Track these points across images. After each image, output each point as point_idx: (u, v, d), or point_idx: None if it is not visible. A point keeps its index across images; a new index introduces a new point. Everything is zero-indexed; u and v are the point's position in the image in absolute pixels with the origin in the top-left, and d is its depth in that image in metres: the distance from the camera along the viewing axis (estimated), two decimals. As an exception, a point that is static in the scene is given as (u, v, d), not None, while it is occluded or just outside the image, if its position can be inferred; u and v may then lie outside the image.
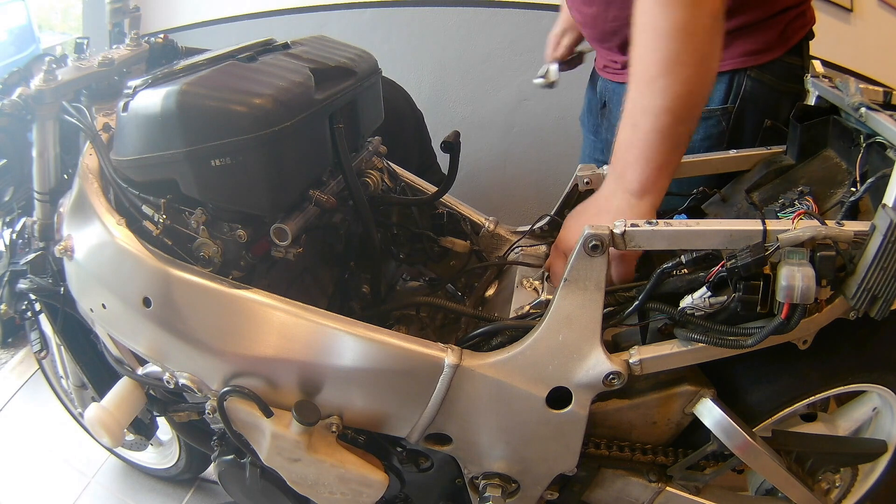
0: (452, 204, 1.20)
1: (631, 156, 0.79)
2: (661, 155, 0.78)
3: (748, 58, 1.03)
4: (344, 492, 0.89)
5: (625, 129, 0.80)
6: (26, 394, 1.85)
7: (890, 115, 0.84)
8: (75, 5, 3.38)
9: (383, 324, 1.03)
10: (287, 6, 2.28)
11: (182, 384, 0.85)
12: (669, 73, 0.74)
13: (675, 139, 0.78)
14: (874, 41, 1.90)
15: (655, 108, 0.75)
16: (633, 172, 0.80)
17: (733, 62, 1.03)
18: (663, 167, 0.79)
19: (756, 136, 1.08)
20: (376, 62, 1.11)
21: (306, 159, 0.88)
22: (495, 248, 1.18)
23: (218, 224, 0.86)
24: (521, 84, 2.17)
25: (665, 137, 0.77)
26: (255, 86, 0.80)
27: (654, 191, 0.80)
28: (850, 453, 1.04)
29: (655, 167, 0.79)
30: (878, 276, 0.72)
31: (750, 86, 1.04)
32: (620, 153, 0.81)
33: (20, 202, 1.06)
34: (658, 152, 0.78)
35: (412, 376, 0.81)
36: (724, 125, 1.07)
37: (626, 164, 0.80)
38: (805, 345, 0.82)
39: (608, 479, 0.94)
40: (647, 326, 0.82)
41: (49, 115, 0.92)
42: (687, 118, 0.78)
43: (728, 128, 1.07)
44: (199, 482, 1.56)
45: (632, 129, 0.79)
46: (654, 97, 0.75)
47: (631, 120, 0.78)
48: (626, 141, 0.80)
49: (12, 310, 1.05)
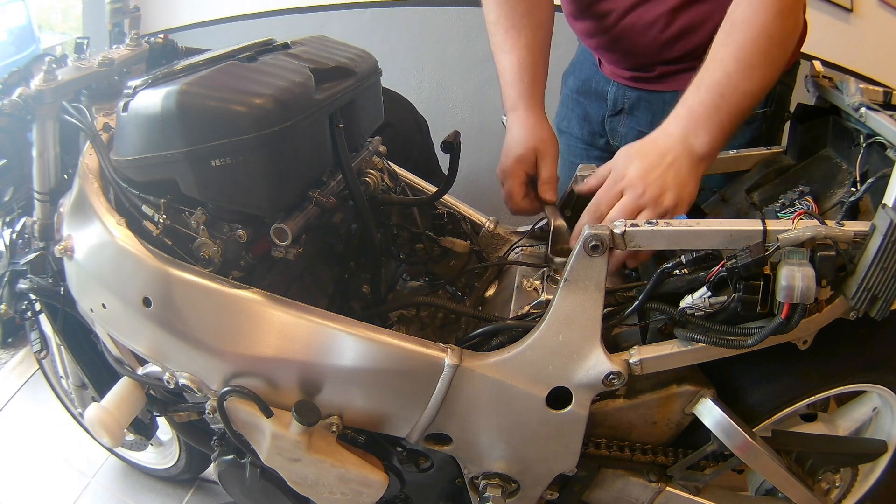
0: (452, 204, 1.20)
1: (713, 120, 0.85)
2: (731, 131, 0.87)
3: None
4: (344, 492, 0.89)
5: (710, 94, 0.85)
6: (26, 394, 1.84)
7: (890, 115, 0.84)
8: (75, 5, 3.38)
9: (383, 324, 1.03)
10: (287, 6, 2.28)
11: (182, 384, 0.85)
12: (768, 67, 0.85)
13: (741, 124, 0.88)
14: (874, 41, 1.90)
15: (748, 90, 0.85)
16: (708, 135, 0.86)
17: None
18: (725, 142, 0.87)
19: (780, 132, 1.15)
20: (376, 62, 1.11)
21: (306, 159, 0.88)
22: (495, 248, 1.18)
23: (218, 224, 0.85)
24: (521, 84, 2.17)
25: (742, 116, 0.87)
26: (255, 86, 0.80)
27: (710, 159, 0.88)
28: (850, 453, 1.04)
29: (724, 138, 0.87)
30: (878, 276, 0.72)
31: (780, 89, 1.11)
32: (700, 112, 0.86)
33: (20, 202, 1.06)
34: (732, 126, 0.86)
35: (412, 376, 0.81)
36: (764, 127, 1.13)
37: (703, 125, 0.86)
38: (805, 345, 0.82)
39: (608, 479, 0.94)
40: (647, 326, 0.82)
41: (49, 115, 0.92)
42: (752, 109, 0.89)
43: (765, 129, 1.14)
44: (199, 482, 1.56)
45: (719, 98, 0.85)
46: (750, 83, 0.84)
47: (719, 89, 0.85)
48: (713, 104, 0.85)
49: (12, 310, 1.05)
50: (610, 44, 1.16)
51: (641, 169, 0.85)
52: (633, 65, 1.17)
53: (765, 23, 0.83)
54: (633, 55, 1.15)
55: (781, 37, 0.85)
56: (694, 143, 0.85)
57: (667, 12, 1.05)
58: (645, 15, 1.07)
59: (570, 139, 1.38)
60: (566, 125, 1.37)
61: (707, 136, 0.85)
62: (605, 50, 1.21)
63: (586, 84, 1.31)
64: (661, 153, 0.86)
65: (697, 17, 1.04)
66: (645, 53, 1.13)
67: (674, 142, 0.86)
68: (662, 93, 1.16)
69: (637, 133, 1.22)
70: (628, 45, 1.13)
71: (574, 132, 1.36)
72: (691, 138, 0.85)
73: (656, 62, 1.13)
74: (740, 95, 0.84)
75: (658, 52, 1.11)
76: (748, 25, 0.84)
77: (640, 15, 1.07)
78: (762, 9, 0.84)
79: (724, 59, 0.85)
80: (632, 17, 1.08)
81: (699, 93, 0.86)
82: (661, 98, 1.16)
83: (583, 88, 1.32)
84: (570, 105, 1.36)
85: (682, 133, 0.86)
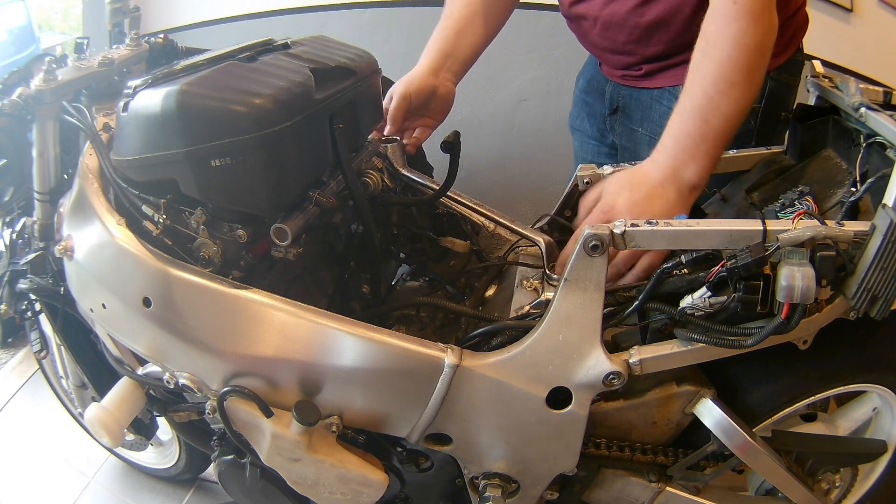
0: (452, 204, 1.19)
1: (700, 149, 0.85)
2: (721, 151, 0.87)
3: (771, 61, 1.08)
4: (344, 492, 0.89)
5: (694, 122, 0.84)
6: (26, 394, 1.84)
7: (890, 115, 0.84)
8: (75, 5, 3.38)
9: (383, 324, 1.03)
10: (287, 6, 2.28)
11: (182, 384, 0.85)
12: (747, 83, 0.83)
13: (730, 140, 0.86)
14: (874, 41, 1.90)
15: (731, 111, 0.83)
16: (697, 166, 0.85)
17: None
18: (714, 164, 0.87)
19: (775, 129, 1.15)
20: (376, 62, 1.11)
21: (306, 159, 0.88)
22: (495, 248, 1.18)
23: (218, 224, 0.85)
24: (521, 84, 2.17)
25: (728, 139, 0.85)
26: (255, 86, 0.80)
27: (701, 186, 0.87)
28: (850, 453, 1.04)
29: (712, 163, 0.86)
30: (878, 276, 0.72)
31: (772, 85, 1.11)
32: (687, 143, 0.85)
33: (20, 202, 1.06)
34: (721, 148, 0.86)
35: (412, 376, 0.81)
36: (753, 123, 1.14)
37: (692, 156, 0.85)
38: (805, 345, 0.82)
39: (608, 479, 0.94)
40: (647, 326, 0.82)
41: (49, 115, 0.92)
42: (740, 125, 0.86)
43: (756, 125, 1.14)
44: (199, 482, 1.56)
45: (704, 125, 0.84)
46: (732, 102, 0.83)
47: (703, 115, 0.84)
48: (698, 132, 0.84)
49: (12, 310, 1.05)
50: (596, 41, 1.19)
51: (630, 201, 0.87)
52: (622, 63, 1.20)
53: (738, 34, 0.82)
54: (619, 53, 1.17)
55: (758, 43, 0.83)
56: (683, 174, 0.86)
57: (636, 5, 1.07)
58: (618, 10, 1.10)
59: (582, 137, 1.42)
60: (578, 123, 1.42)
61: (696, 167, 0.85)
62: (593, 48, 1.24)
63: (590, 84, 1.36)
64: (650, 186, 0.87)
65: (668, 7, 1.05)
66: (627, 51, 1.15)
67: (664, 174, 0.86)
68: (651, 90, 1.18)
69: (630, 131, 1.24)
70: (611, 43, 1.16)
71: (585, 130, 1.40)
72: (681, 170, 0.86)
73: (641, 60, 1.15)
74: (724, 118, 0.84)
75: (638, 46, 1.13)
76: (723, 40, 0.83)
77: (613, 10, 1.10)
78: (734, 20, 0.82)
79: (704, 80, 0.84)
80: (607, 12, 1.11)
81: (683, 121, 0.86)
82: (650, 95, 1.18)
83: (588, 88, 1.37)
84: (580, 104, 1.41)
85: (671, 164, 0.86)
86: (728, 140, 0.86)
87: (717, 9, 0.85)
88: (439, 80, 1.19)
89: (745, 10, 0.82)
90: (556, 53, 2.10)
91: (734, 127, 0.85)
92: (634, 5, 1.07)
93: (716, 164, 0.87)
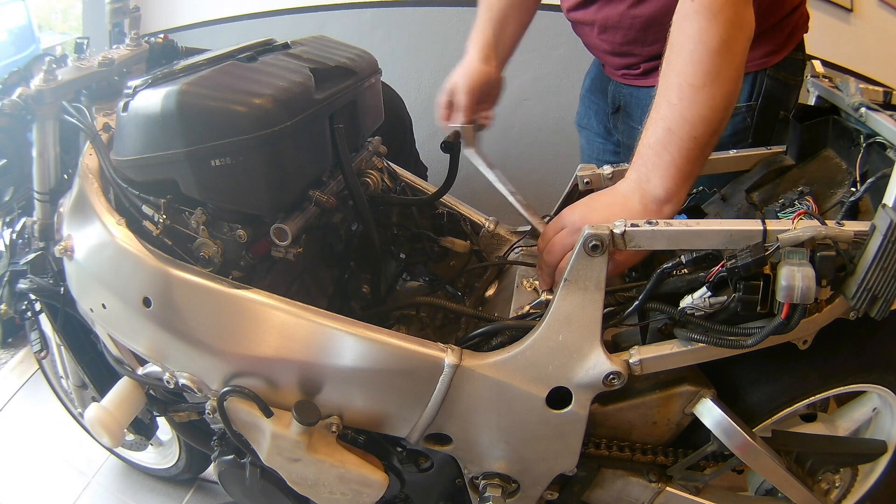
0: (452, 204, 1.20)
1: (662, 160, 0.79)
2: (691, 164, 0.79)
3: (767, 58, 1.10)
4: (344, 492, 0.89)
5: (656, 132, 0.79)
6: (26, 394, 1.84)
7: (890, 115, 0.84)
8: (75, 5, 3.38)
9: (383, 324, 1.03)
10: (287, 6, 2.28)
11: (182, 384, 0.85)
12: (713, 85, 0.76)
13: (706, 149, 0.80)
14: (874, 41, 1.90)
15: (696, 117, 0.77)
16: (661, 178, 0.79)
17: (755, 64, 1.09)
18: (689, 177, 0.80)
19: (773, 128, 1.14)
20: (376, 62, 1.11)
21: (306, 159, 0.88)
22: (495, 248, 1.18)
23: (218, 224, 0.85)
24: (521, 84, 2.17)
25: (699, 146, 0.78)
26: (255, 86, 0.80)
27: (675, 201, 0.80)
28: (850, 453, 1.04)
29: (683, 176, 0.79)
30: (878, 276, 0.72)
31: (769, 84, 1.11)
32: (649, 155, 0.80)
33: (20, 202, 1.06)
34: (688, 160, 0.78)
35: (412, 376, 0.81)
36: (749, 121, 1.13)
37: (654, 167, 0.80)
38: (805, 345, 0.82)
39: (608, 479, 0.94)
40: (647, 326, 0.82)
41: (49, 115, 0.92)
42: (719, 130, 0.80)
43: (752, 123, 1.13)
44: (199, 482, 1.56)
45: (666, 134, 0.78)
46: (697, 107, 0.77)
47: (665, 124, 0.78)
48: (659, 143, 0.79)
49: (12, 310, 1.05)
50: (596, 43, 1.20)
51: (588, 207, 0.84)
52: (622, 63, 1.20)
53: (698, 32, 0.77)
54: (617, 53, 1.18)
55: (721, 41, 0.76)
56: (647, 187, 0.80)
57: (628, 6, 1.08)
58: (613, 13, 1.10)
59: (589, 135, 1.43)
60: (585, 122, 1.43)
61: (659, 178, 0.79)
62: (594, 49, 1.26)
63: (594, 83, 1.38)
64: (613, 196, 0.84)
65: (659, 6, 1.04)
66: (625, 51, 1.15)
67: (629, 187, 0.82)
68: (650, 88, 1.17)
69: (632, 129, 1.25)
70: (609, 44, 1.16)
71: (592, 128, 1.41)
72: (644, 183, 0.80)
73: (639, 60, 1.16)
74: (689, 125, 0.77)
75: (635, 46, 1.13)
76: (684, 41, 0.78)
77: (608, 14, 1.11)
78: (692, 18, 0.77)
79: (667, 88, 0.79)
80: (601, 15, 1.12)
81: (647, 133, 0.81)
82: (649, 94, 1.16)
83: (592, 87, 1.39)
84: (586, 103, 1.42)
85: (635, 178, 0.82)
86: (699, 151, 0.79)
87: (678, 10, 0.80)
88: (492, 68, 1.19)
89: (702, 6, 0.76)
90: (556, 53, 2.10)
91: (706, 134, 0.78)
92: (627, 6, 1.08)
93: (688, 175, 0.80)
